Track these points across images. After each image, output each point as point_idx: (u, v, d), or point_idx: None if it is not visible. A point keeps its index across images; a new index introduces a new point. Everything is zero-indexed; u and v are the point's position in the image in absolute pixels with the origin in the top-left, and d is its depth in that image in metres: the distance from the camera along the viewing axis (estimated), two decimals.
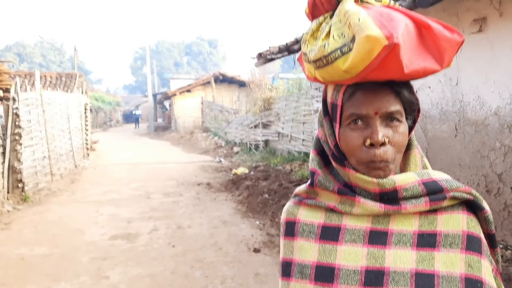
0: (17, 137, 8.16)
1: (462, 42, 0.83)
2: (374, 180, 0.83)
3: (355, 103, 0.84)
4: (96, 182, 10.28)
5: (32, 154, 8.87)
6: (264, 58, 9.25)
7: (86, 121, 14.94)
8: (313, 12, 0.90)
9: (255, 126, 14.88)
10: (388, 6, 0.84)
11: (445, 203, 0.85)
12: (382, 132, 0.82)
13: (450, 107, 4.73)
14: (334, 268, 0.84)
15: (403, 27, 0.77)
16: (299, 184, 8.12)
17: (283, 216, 0.96)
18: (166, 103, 32.21)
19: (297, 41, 7.93)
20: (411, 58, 0.78)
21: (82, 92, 15.39)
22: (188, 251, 5.20)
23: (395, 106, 0.84)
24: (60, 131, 11.17)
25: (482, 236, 0.85)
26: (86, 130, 14.76)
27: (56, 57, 63.97)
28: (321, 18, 0.87)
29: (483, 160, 4.32)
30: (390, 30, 0.75)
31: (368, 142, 0.82)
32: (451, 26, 0.84)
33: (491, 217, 0.88)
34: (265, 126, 14.29)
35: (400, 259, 0.82)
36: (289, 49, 8.40)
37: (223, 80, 25.51)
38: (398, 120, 0.84)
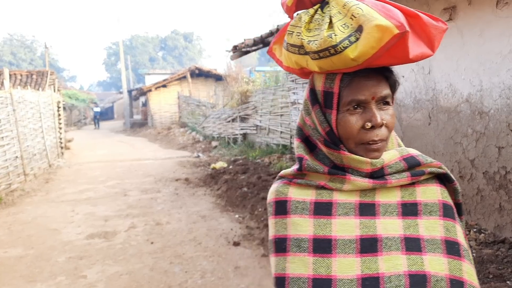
0: None
1: (446, 29, 0.91)
2: (368, 160, 0.91)
3: (353, 89, 0.89)
4: (71, 181, 10.07)
5: (4, 154, 8.63)
6: (240, 51, 9.20)
7: (60, 119, 14.60)
8: (298, 6, 0.95)
9: (233, 120, 14.83)
10: None
11: (423, 177, 0.96)
12: (379, 115, 0.90)
13: (423, 96, 4.80)
14: (331, 239, 0.90)
15: (402, 16, 0.85)
16: None
17: (271, 197, 0.99)
18: (142, 99, 31.71)
19: (271, 34, 7.91)
20: (411, 45, 0.87)
21: (55, 90, 15.04)
22: (167, 247, 5.15)
23: (387, 90, 0.92)
24: (32, 130, 10.88)
25: (453, 204, 0.98)
26: (60, 128, 14.42)
27: (26, 55, 62.17)
28: (310, 11, 0.92)
29: (456, 146, 4.40)
30: (396, 19, 0.82)
31: (369, 125, 0.89)
32: (433, 15, 0.92)
33: (459, 187, 1.00)
34: (243, 119, 14.25)
35: (390, 226, 0.92)
36: (264, 42, 8.38)
37: (199, 74, 25.30)
38: (389, 104, 0.93)
